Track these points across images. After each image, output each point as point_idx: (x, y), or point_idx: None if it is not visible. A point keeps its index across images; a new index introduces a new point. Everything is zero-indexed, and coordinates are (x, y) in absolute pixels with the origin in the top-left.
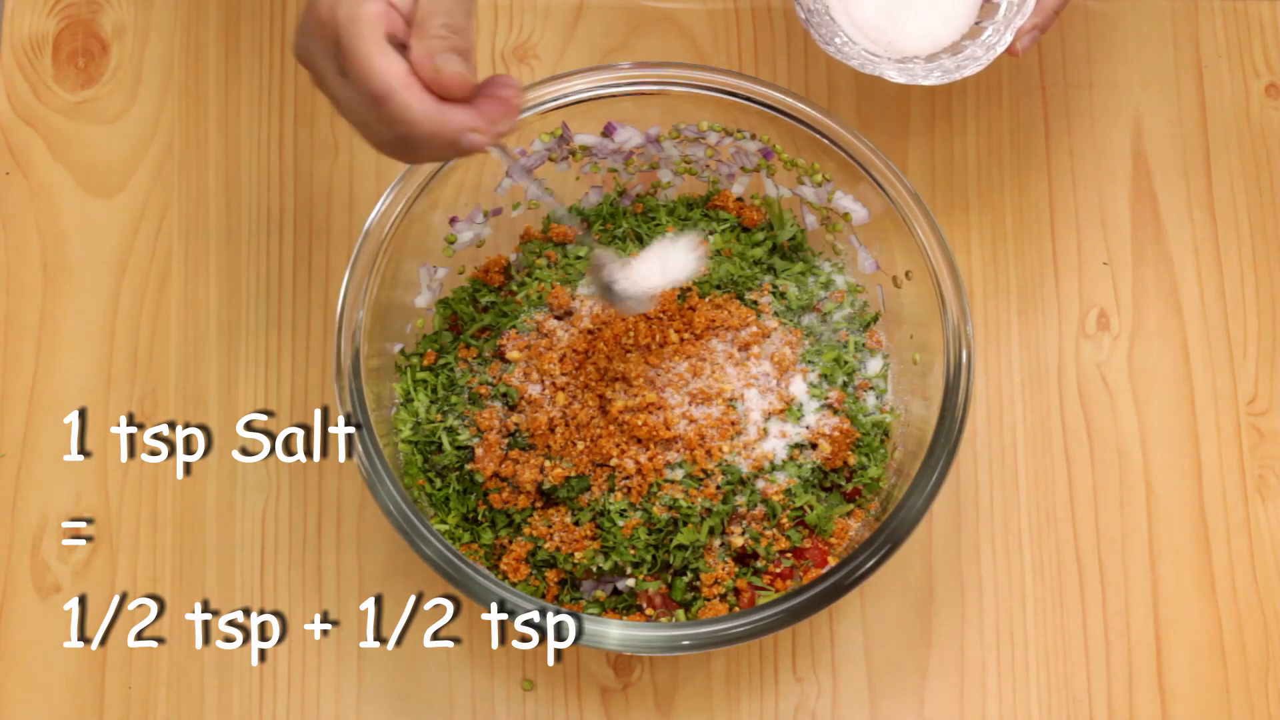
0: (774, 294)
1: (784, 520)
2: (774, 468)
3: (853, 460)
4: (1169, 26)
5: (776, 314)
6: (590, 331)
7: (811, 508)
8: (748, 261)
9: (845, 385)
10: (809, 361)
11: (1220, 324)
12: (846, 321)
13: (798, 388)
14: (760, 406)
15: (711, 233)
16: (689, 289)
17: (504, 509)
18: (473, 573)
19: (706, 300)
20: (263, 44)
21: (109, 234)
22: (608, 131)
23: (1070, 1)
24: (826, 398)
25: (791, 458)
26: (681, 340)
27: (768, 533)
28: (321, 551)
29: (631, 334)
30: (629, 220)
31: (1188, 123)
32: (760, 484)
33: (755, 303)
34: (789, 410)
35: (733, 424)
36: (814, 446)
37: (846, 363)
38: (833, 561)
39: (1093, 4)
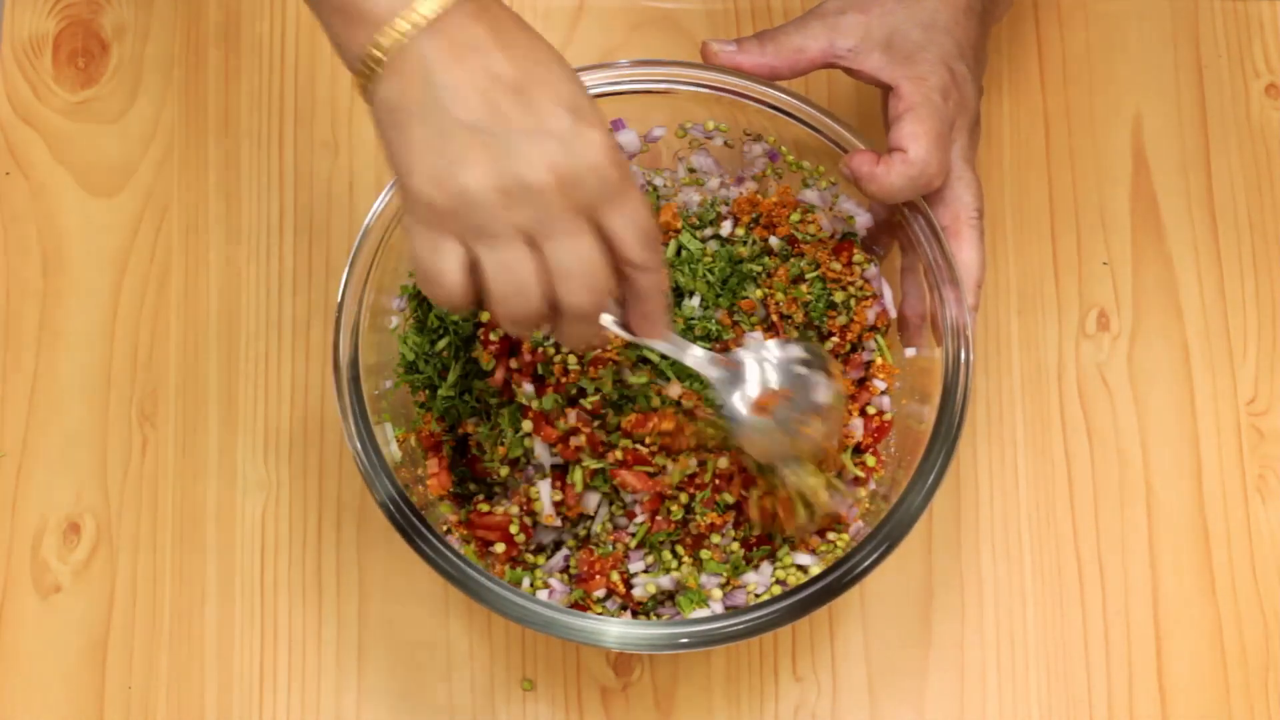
0: None
1: None
2: None
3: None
4: (1169, 26)
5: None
6: None
7: None
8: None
9: None
10: None
11: (1220, 324)
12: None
13: None
14: None
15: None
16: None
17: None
18: (473, 572)
19: None
20: (263, 44)
21: (109, 234)
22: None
23: (1067, 12)
24: None
25: None
26: None
27: None
28: (321, 551)
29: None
30: None
31: (1188, 123)
32: None
33: None
34: None
35: None
36: None
37: None
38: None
39: (1093, 4)
